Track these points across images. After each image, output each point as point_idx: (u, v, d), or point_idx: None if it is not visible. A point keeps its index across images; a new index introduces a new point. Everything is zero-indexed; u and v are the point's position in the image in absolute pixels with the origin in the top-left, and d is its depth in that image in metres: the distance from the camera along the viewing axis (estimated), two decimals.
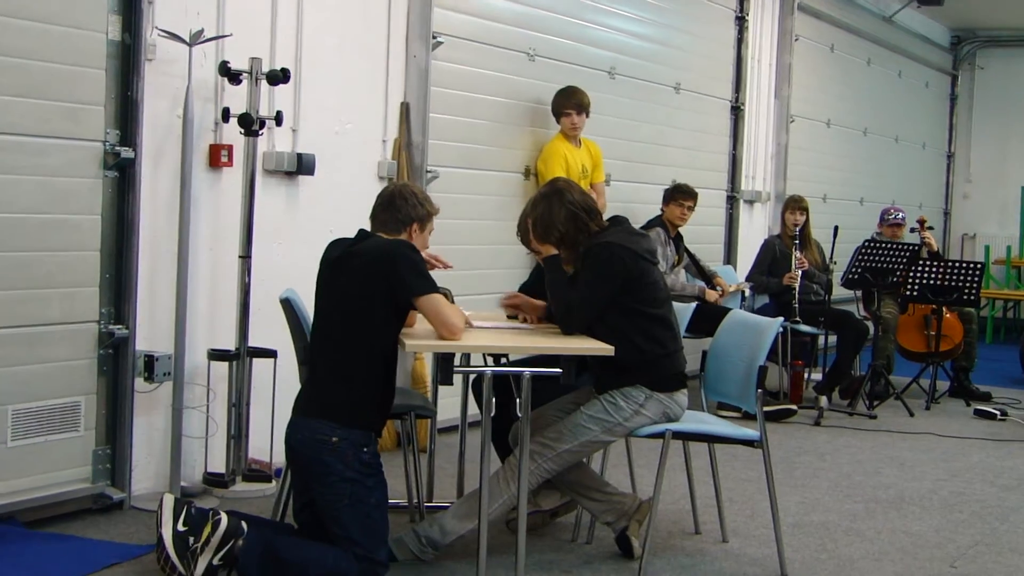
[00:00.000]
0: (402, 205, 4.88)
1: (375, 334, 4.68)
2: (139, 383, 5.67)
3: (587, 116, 8.25)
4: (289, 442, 4.73)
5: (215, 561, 4.42)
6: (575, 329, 5.07)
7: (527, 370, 4.74)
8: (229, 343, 6.08)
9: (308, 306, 5.15)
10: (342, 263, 4.77)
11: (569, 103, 8.18)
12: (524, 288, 6.00)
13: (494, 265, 7.87)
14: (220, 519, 4.42)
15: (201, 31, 5.74)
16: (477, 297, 6.82)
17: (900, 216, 10.57)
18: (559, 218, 5.09)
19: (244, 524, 4.46)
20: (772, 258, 9.72)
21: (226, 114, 5.98)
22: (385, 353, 4.74)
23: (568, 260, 5.15)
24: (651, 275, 5.14)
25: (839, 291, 10.03)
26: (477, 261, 7.61)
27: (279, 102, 6.29)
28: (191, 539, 4.55)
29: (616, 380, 5.06)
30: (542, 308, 5.40)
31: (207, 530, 4.41)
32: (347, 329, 4.69)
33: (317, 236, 6.25)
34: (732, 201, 11.22)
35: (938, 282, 9.57)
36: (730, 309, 6.46)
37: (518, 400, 4.73)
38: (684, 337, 5.58)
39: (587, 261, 5.07)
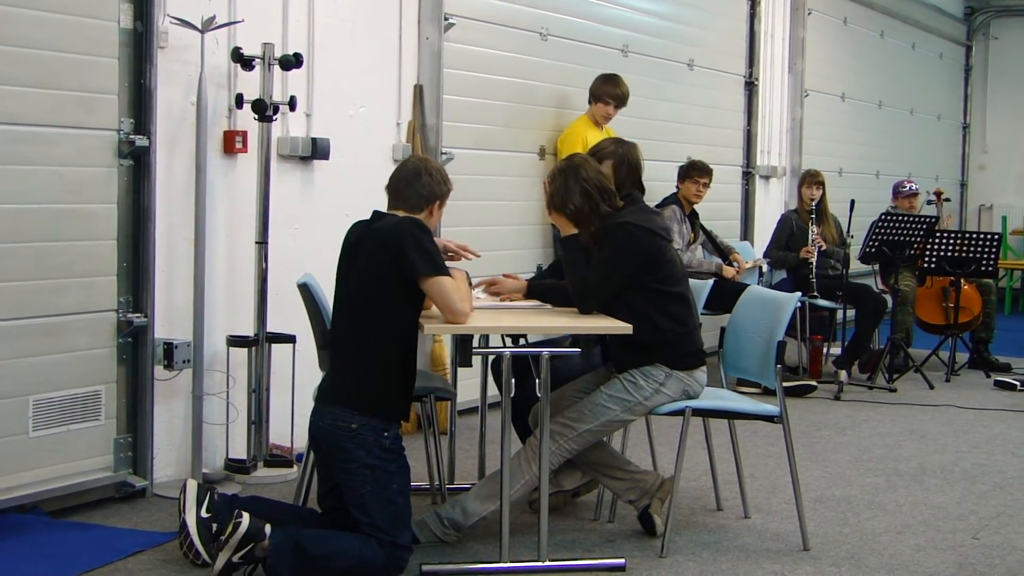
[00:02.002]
0: (428, 182, 4.77)
1: (390, 318, 4.65)
2: (159, 371, 5.68)
3: (619, 110, 8.31)
4: (311, 430, 4.73)
5: (235, 559, 4.42)
6: (592, 308, 5.07)
7: (546, 350, 4.74)
8: (248, 329, 6.09)
9: (325, 290, 5.15)
10: (357, 247, 4.75)
11: (612, 93, 8.24)
12: (553, 267, 6.07)
13: (510, 246, 7.87)
14: (241, 522, 4.41)
15: (213, 18, 5.74)
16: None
17: (913, 187, 10.53)
18: (573, 194, 5.07)
19: (267, 528, 4.45)
20: (789, 233, 9.70)
21: (240, 100, 5.98)
22: (403, 337, 4.70)
23: (581, 237, 5.14)
24: (668, 253, 5.13)
25: (857, 265, 10.01)
26: (493, 242, 7.60)
27: (292, 87, 6.29)
28: (214, 525, 4.57)
29: (635, 359, 5.06)
30: (524, 286, 5.45)
31: (228, 529, 4.42)
32: (363, 314, 4.67)
33: (333, 220, 6.27)
34: (748, 177, 11.20)
35: (955, 254, 9.55)
36: (748, 285, 6.45)
37: (537, 380, 4.74)
38: (702, 314, 5.58)
39: (604, 240, 5.05)
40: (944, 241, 9.62)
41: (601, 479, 5.35)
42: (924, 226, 9.43)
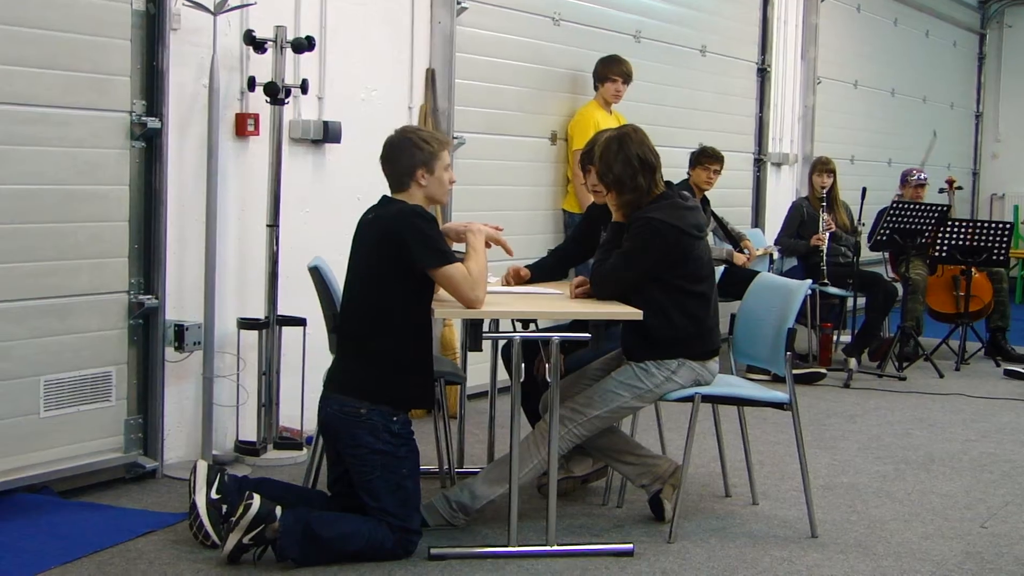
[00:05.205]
0: (400, 156, 4.77)
1: (398, 305, 4.65)
2: (169, 352, 5.70)
3: (627, 86, 8.28)
4: (320, 416, 4.74)
5: (245, 540, 4.43)
6: (605, 296, 5.06)
7: (556, 335, 4.75)
8: (258, 312, 6.10)
9: (336, 274, 5.16)
10: (362, 233, 4.76)
11: (616, 70, 8.22)
12: (556, 252, 6.08)
13: (521, 231, 7.85)
14: (252, 503, 4.41)
15: (225, 0, 5.74)
16: (504, 263, 6.82)
17: (922, 176, 10.51)
18: (615, 162, 5.06)
19: (278, 510, 4.45)
20: (800, 221, 9.69)
21: (252, 83, 5.98)
22: (412, 323, 4.70)
23: (615, 209, 5.15)
24: (695, 251, 5.07)
25: (867, 253, 9.99)
26: (504, 227, 7.56)
27: (304, 70, 6.29)
28: (224, 507, 4.58)
29: (646, 352, 5.02)
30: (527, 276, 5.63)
31: (239, 510, 4.42)
32: (368, 301, 4.68)
33: (344, 204, 6.28)
34: (759, 164, 11.18)
35: (967, 242, 9.53)
36: (758, 272, 6.45)
37: (547, 365, 4.74)
38: None
39: (630, 232, 5.03)
40: (956, 230, 9.60)
41: (613, 464, 5.35)
42: (936, 215, 9.42)
